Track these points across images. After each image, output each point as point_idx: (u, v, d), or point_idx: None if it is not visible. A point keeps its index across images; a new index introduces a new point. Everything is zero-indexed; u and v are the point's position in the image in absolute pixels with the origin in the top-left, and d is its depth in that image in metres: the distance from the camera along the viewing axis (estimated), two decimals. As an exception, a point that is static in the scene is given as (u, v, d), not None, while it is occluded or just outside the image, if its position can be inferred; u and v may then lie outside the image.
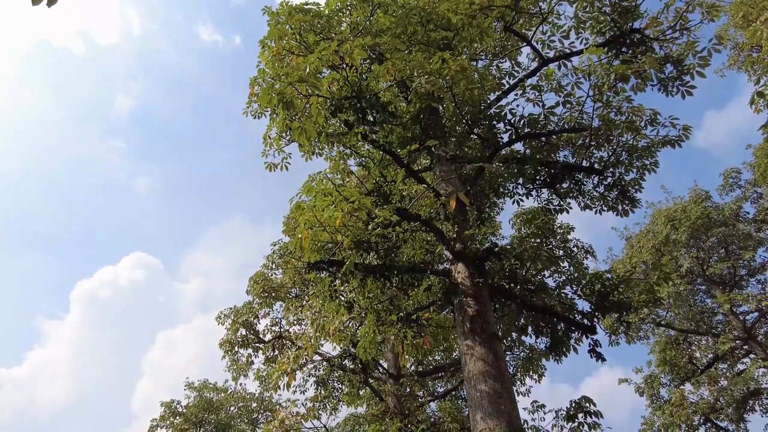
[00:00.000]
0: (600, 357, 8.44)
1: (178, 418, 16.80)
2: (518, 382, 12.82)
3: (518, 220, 11.11)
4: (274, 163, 9.69)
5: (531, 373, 12.49)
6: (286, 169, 9.87)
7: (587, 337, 8.55)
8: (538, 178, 10.59)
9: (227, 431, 17.16)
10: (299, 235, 7.14)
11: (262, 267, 13.84)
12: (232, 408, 18.28)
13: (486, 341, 6.64)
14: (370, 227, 7.14)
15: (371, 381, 12.17)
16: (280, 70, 7.20)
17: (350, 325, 10.49)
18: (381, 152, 8.52)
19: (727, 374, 20.33)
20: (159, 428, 16.54)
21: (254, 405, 18.77)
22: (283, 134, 9.05)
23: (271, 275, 13.84)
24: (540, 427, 12.32)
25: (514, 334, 11.97)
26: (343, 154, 9.56)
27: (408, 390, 11.77)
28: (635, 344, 21.54)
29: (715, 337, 20.03)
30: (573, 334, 8.68)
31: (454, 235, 7.59)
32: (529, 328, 8.88)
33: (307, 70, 6.78)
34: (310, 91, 6.74)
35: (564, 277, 9.35)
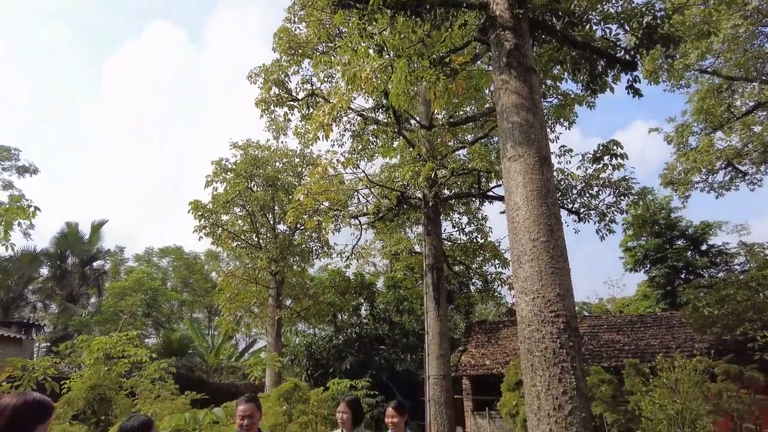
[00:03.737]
0: (637, 92, 8.27)
1: (229, 173, 18.41)
2: (549, 129, 13.09)
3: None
4: None
5: (562, 120, 12.60)
6: None
7: (626, 74, 8.26)
8: None
9: (276, 183, 18.94)
10: (321, -32, 6.47)
11: (284, 21, 13.08)
12: (277, 163, 19.71)
13: (522, 75, 6.49)
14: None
15: (404, 132, 12.64)
16: None
17: (381, 75, 10.34)
18: None
19: (764, 121, 19.97)
20: (213, 183, 18.25)
21: (297, 160, 20.19)
22: None
23: (295, 30, 13.17)
24: (566, 169, 13.07)
25: (548, 81, 11.68)
26: None
27: (440, 139, 12.25)
28: (674, 94, 20.80)
29: (764, 83, 19.00)
30: (611, 72, 8.38)
31: (494, -42, 6.72)
32: (567, 66, 8.57)
33: None
34: None
35: (612, 10, 8.54)
